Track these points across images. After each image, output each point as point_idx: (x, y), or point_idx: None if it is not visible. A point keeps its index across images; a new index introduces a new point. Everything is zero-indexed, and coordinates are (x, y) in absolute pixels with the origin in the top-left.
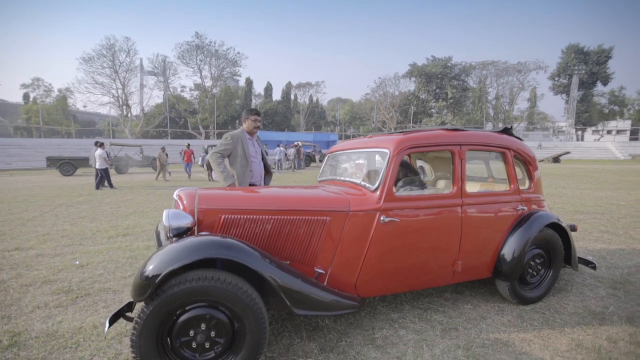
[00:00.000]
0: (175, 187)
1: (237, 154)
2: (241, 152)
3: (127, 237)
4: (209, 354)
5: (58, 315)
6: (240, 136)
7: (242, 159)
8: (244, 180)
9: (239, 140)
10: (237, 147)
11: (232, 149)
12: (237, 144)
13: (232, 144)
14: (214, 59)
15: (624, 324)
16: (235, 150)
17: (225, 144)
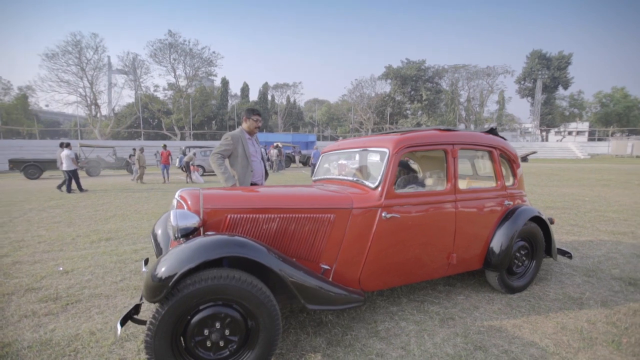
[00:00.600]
0: (152, 190)
1: (237, 154)
2: (242, 152)
3: (110, 241)
4: (223, 352)
5: (49, 324)
6: (240, 136)
7: (242, 159)
8: (245, 180)
9: (239, 140)
10: (238, 147)
11: (232, 150)
12: (238, 144)
13: (232, 144)
14: (188, 58)
15: (599, 307)
16: (236, 151)
17: (225, 144)
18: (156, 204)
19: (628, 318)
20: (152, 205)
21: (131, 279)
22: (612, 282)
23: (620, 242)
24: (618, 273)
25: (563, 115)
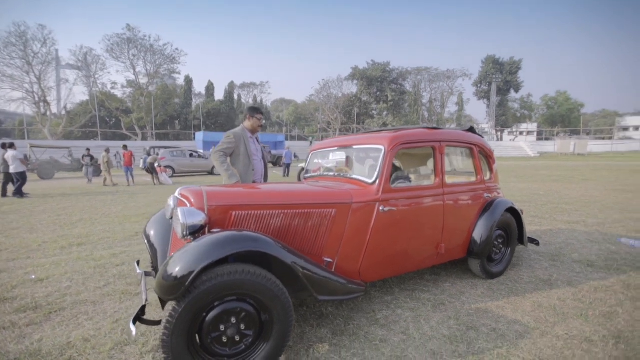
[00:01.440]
0: (117, 193)
1: (239, 153)
2: (244, 151)
3: (83, 246)
4: (239, 347)
5: (34, 334)
6: (242, 134)
7: (244, 158)
8: (247, 179)
9: (241, 138)
10: (240, 145)
11: (234, 148)
12: (240, 142)
13: (234, 143)
14: (149, 54)
15: (566, 286)
16: (238, 149)
17: (228, 142)
18: (125, 207)
19: (591, 294)
20: (121, 208)
21: (116, 284)
22: (574, 264)
23: (574, 230)
24: (577, 257)
25: (515, 117)
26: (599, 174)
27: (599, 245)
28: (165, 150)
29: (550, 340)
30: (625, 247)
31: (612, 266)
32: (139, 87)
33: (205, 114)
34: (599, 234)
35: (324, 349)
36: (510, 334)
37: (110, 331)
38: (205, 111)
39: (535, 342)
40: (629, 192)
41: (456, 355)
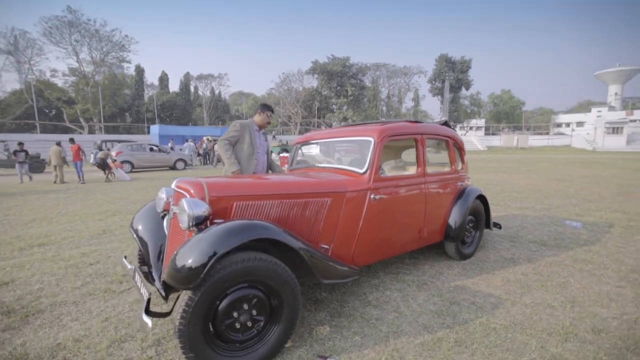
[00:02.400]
0: (68, 191)
1: (244, 142)
2: (248, 141)
3: (45, 247)
4: (251, 332)
5: (14, 338)
6: (249, 125)
7: (248, 147)
8: (248, 168)
9: (247, 128)
10: (245, 135)
11: (239, 137)
12: (245, 132)
13: (240, 132)
14: (94, 40)
15: (527, 263)
16: (243, 138)
17: (234, 130)
18: (83, 205)
19: (547, 268)
20: (79, 206)
21: (95, 283)
22: (530, 244)
23: (526, 215)
24: (532, 237)
25: (466, 113)
26: (540, 166)
27: (548, 227)
28: (122, 145)
29: (520, 308)
30: (569, 228)
31: (561, 244)
32: (83, 75)
33: (160, 106)
34: (547, 217)
35: (325, 330)
36: (486, 305)
37: (102, 330)
38: (159, 103)
39: (509, 311)
40: (566, 180)
41: (444, 326)
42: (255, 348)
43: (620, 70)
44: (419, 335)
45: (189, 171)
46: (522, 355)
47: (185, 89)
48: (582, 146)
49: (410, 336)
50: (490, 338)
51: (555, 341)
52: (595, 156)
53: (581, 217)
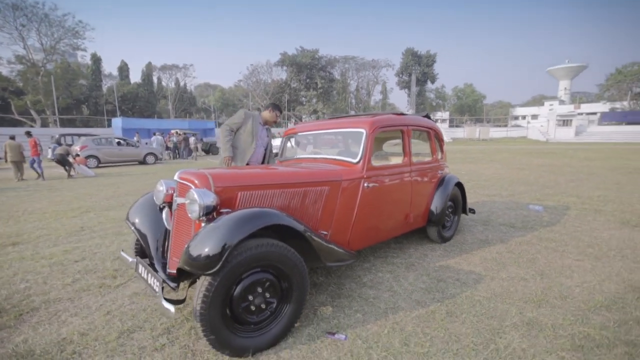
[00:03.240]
0: (29, 188)
1: (245, 129)
2: (249, 129)
3: (20, 245)
4: (264, 314)
5: (12, 337)
6: (253, 115)
7: (248, 136)
8: (244, 156)
9: (251, 118)
10: (247, 123)
11: (241, 124)
12: (248, 120)
13: (243, 119)
14: (44, 25)
15: (500, 243)
16: (245, 125)
17: (237, 117)
18: (50, 202)
19: (517, 247)
20: (46, 203)
21: (86, 279)
22: (501, 227)
23: (494, 201)
24: (502, 221)
25: (432, 105)
26: (501, 156)
27: (515, 212)
28: (86, 139)
29: (499, 282)
30: (533, 212)
31: (527, 226)
32: (32, 64)
33: (120, 98)
34: (513, 203)
35: (329, 310)
36: (469, 281)
37: (106, 323)
38: (120, 95)
39: (489, 284)
40: (526, 169)
41: (435, 300)
42: (268, 328)
43: (569, 67)
44: (414, 309)
45: (159, 165)
46: (504, 321)
47: (148, 80)
48: (537, 137)
49: (407, 311)
50: (476, 308)
51: (530, 307)
52: (549, 147)
53: (542, 201)
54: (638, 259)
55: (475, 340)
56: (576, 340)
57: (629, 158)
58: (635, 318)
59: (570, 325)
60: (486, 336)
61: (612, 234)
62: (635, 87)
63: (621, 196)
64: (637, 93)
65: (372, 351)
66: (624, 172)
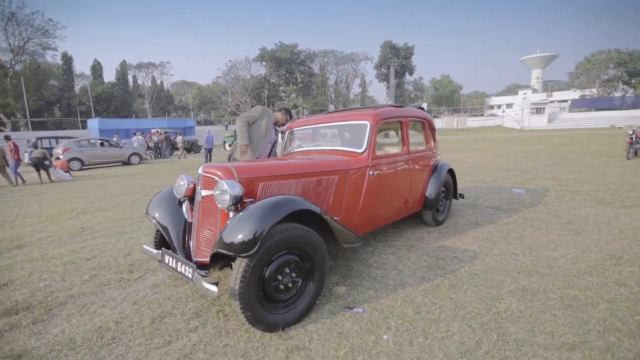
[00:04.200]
0: (10, 194)
1: (259, 124)
2: (264, 125)
3: (24, 248)
4: (291, 292)
5: (49, 329)
6: (269, 114)
7: (263, 130)
8: (258, 148)
9: (267, 115)
10: (263, 118)
11: (257, 118)
12: (264, 117)
13: (259, 114)
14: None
15: (489, 224)
16: (260, 120)
17: (254, 111)
18: (40, 206)
19: (505, 226)
20: (36, 207)
21: (103, 275)
22: (488, 209)
23: (479, 187)
24: (488, 204)
25: (410, 97)
26: (480, 145)
27: (499, 195)
28: (69, 141)
29: (492, 257)
30: (515, 195)
31: (512, 207)
32: (0, 65)
33: (95, 98)
34: (496, 187)
35: (342, 289)
36: (466, 258)
37: (136, 312)
38: (94, 95)
39: (484, 260)
40: (504, 156)
41: (438, 276)
42: (294, 306)
43: (540, 56)
44: (420, 284)
45: (142, 166)
46: (502, 289)
47: (123, 79)
48: (512, 125)
49: (413, 286)
50: (475, 280)
51: (523, 277)
52: (524, 134)
53: (523, 185)
54: (613, 232)
55: (478, 306)
56: (565, 301)
57: (599, 143)
58: (614, 280)
59: (559, 289)
60: (487, 302)
61: (589, 212)
62: (603, 75)
63: (594, 178)
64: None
65: (389, 320)
66: (595, 156)
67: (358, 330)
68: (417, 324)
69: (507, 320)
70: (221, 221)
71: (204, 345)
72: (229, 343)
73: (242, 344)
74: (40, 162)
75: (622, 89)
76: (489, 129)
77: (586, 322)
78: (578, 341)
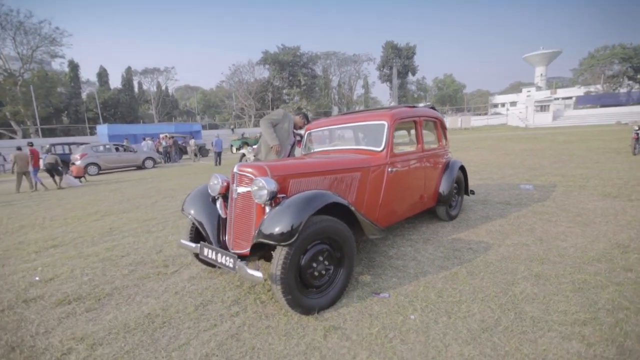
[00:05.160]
0: (30, 199)
1: (282, 127)
2: (287, 128)
3: (60, 247)
4: (324, 278)
5: (102, 316)
6: (289, 117)
7: (285, 132)
8: (283, 149)
9: (288, 118)
10: (285, 122)
11: (279, 121)
12: (286, 120)
13: (282, 117)
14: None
15: (499, 218)
16: (282, 124)
17: (276, 114)
18: (64, 209)
19: (516, 220)
20: (60, 211)
21: (141, 270)
22: (497, 205)
23: (487, 184)
24: (498, 200)
25: (413, 97)
26: (485, 143)
27: (508, 191)
28: (86, 146)
29: (505, 248)
30: (524, 191)
31: (521, 202)
32: (10, 74)
33: (102, 105)
34: (504, 184)
35: (367, 278)
36: (480, 249)
37: (179, 300)
38: (101, 101)
39: (497, 250)
40: (510, 154)
41: (455, 264)
42: (327, 291)
43: (543, 53)
44: (439, 272)
45: (153, 170)
46: (516, 275)
47: (129, 85)
48: (516, 124)
49: (433, 274)
50: (490, 268)
51: (535, 265)
52: (529, 132)
53: (531, 181)
54: (620, 223)
55: (495, 290)
56: (576, 284)
57: (605, 139)
58: (621, 266)
59: (570, 275)
60: (503, 287)
61: (597, 205)
62: (608, 71)
63: (601, 173)
64: (609, 76)
65: (414, 303)
66: (601, 152)
67: (387, 312)
68: (440, 305)
69: (523, 301)
70: (257, 215)
71: (248, 327)
72: (270, 325)
73: (282, 325)
74: (54, 167)
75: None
76: (494, 127)
77: (596, 302)
78: (589, 318)
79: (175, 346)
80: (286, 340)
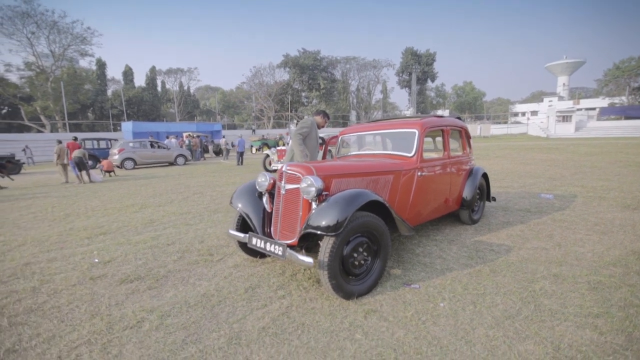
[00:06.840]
0: (66, 190)
1: (312, 137)
2: (314, 135)
3: (108, 235)
4: (363, 268)
5: (163, 294)
6: (314, 123)
7: (314, 140)
8: (314, 157)
9: (313, 125)
10: (313, 130)
11: (309, 132)
12: (313, 128)
13: (310, 127)
14: (53, 32)
15: (520, 224)
16: (311, 133)
17: (305, 127)
18: (102, 201)
19: (536, 227)
20: (98, 202)
21: (188, 257)
22: (518, 212)
23: (508, 192)
24: (519, 207)
25: (432, 104)
26: (505, 152)
27: (528, 200)
28: (123, 142)
29: (525, 250)
30: (544, 200)
31: (541, 210)
32: (42, 70)
33: (126, 102)
34: (525, 192)
35: (398, 272)
36: (501, 251)
37: (229, 283)
38: (126, 99)
39: (518, 253)
40: (531, 164)
41: (479, 263)
42: (365, 279)
43: (566, 62)
44: (464, 269)
45: (178, 168)
46: (535, 274)
47: (152, 84)
48: (537, 134)
49: (459, 270)
50: (511, 268)
51: (554, 266)
52: (550, 142)
53: (551, 191)
54: (638, 233)
55: (516, 286)
56: (591, 284)
57: (628, 152)
58: (635, 271)
59: (586, 276)
60: (524, 284)
61: (615, 215)
62: (633, 82)
63: (622, 186)
64: (635, 88)
65: (442, 293)
66: (624, 165)
67: (418, 300)
68: (467, 297)
69: (542, 296)
70: (303, 210)
71: (295, 307)
72: (315, 306)
73: (326, 307)
74: (81, 161)
75: None
76: (514, 136)
77: (609, 299)
78: (602, 312)
79: (234, 319)
80: (331, 319)
